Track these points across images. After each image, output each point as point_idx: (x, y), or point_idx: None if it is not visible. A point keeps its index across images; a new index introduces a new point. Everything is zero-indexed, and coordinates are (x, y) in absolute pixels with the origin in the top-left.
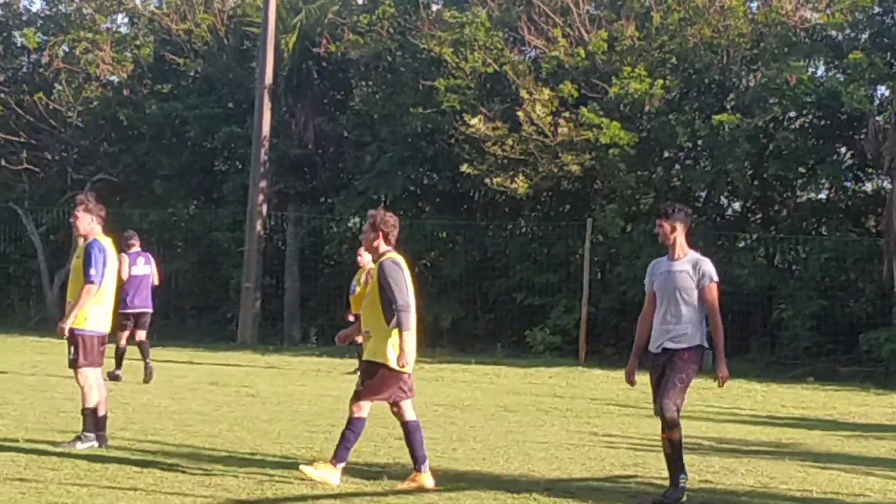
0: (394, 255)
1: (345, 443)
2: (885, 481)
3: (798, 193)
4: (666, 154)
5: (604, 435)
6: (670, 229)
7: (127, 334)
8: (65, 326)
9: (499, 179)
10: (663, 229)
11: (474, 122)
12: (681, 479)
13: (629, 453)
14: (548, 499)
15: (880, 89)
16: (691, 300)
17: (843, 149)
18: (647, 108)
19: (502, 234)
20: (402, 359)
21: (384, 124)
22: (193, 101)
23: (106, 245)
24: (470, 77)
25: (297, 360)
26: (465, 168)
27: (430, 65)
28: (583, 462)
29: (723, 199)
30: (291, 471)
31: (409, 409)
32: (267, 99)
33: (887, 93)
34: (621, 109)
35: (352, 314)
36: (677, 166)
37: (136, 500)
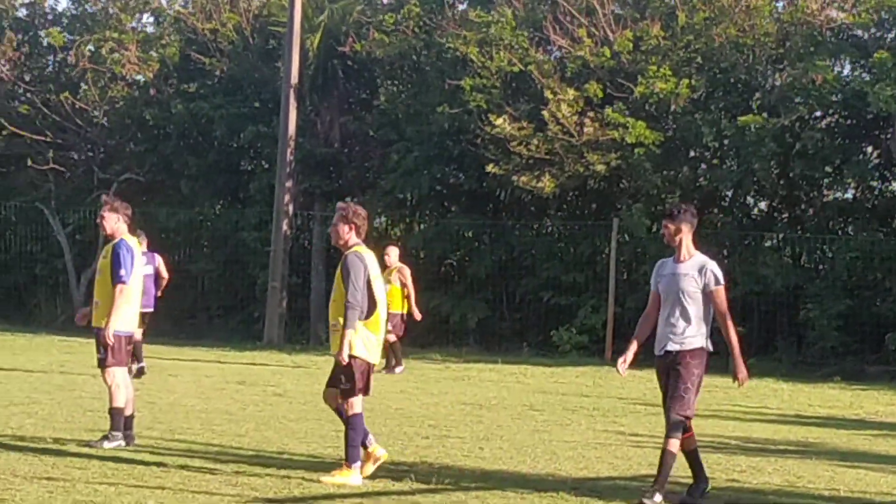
0: (361, 248)
1: (351, 442)
2: None
3: (824, 193)
4: (692, 154)
5: (630, 434)
6: (675, 230)
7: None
8: (108, 333)
9: (525, 179)
10: (668, 230)
11: (499, 122)
12: (657, 495)
13: (656, 452)
14: (575, 498)
15: None
16: (695, 303)
17: (869, 148)
18: (672, 107)
19: (528, 234)
20: (340, 354)
21: (410, 123)
22: (219, 100)
23: (133, 244)
24: (495, 76)
25: (324, 360)
26: (490, 168)
27: (456, 64)
28: (609, 461)
29: (749, 198)
30: (318, 470)
31: (357, 403)
32: (293, 98)
33: None
34: (647, 109)
35: None
36: (703, 166)
37: (163, 499)
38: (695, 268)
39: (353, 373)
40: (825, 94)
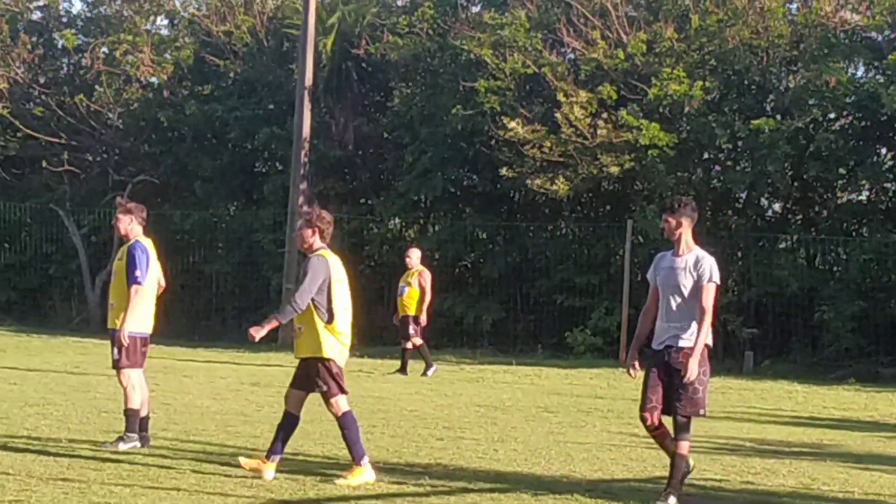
0: (325, 252)
1: (351, 442)
2: None
3: (838, 195)
4: (706, 155)
5: (644, 436)
6: (675, 224)
7: None
8: (122, 334)
9: (539, 181)
10: (669, 224)
11: (513, 125)
12: (671, 498)
13: None
14: (589, 500)
15: None
16: (692, 297)
17: (883, 150)
18: (686, 109)
19: (543, 236)
20: (253, 329)
21: (424, 125)
22: (234, 102)
23: (147, 246)
24: (509, 78)
25: None
26: (504, 171)
27: (470, 66)
28: (624, 463)
29: (763, 200)
30: (333, 471)
31: (301, 401)
32: (307, 100)
33: None
34: (661, 111)
35: (399, 316)
36: (717, 168)
37: (178, 501)
38: (692, 262)
39: (329, 375)
40: (839, 96)
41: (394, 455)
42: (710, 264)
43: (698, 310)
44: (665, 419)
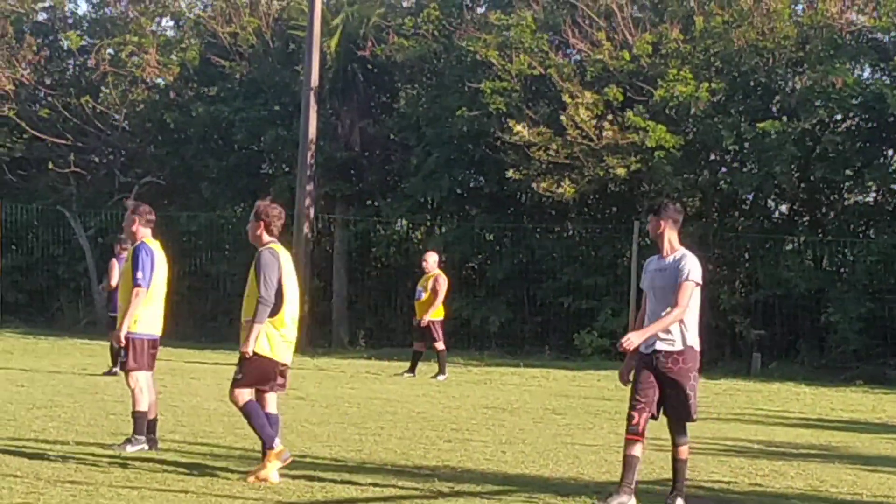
0: (275, 246)
1: (259, 429)
2: None
3: (845, 196)
4: (712, 157)
5: (653, 438)
6: (658, 226)
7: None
8: (120, 335)
9: (545, 184)
10: (651, 225)
11: (519, 128)
12: (678, 500)
13: None
14: (598, 502)
15: None
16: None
17: (889, 151)
18: (692, 110)
19: (549, 237)
20: (245, 346)
21: (430, 127)
22: (240, 103)
23: (154, 248)
24: (515, 79)
25: (346, 363)
26: (510, 174)
27: (476, 67)
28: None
29: (770, 201)
30: (341, 473)
31: (272, 402)
32: (313, 102)
33: None
34: (667, 112)
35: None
36: (723, 169)
37: (186, 502)
38: (675, 262)
39: (249, 368)
40: (845, 97)
41: (401, 457)
42: (690, 263)
43: (673, 303)
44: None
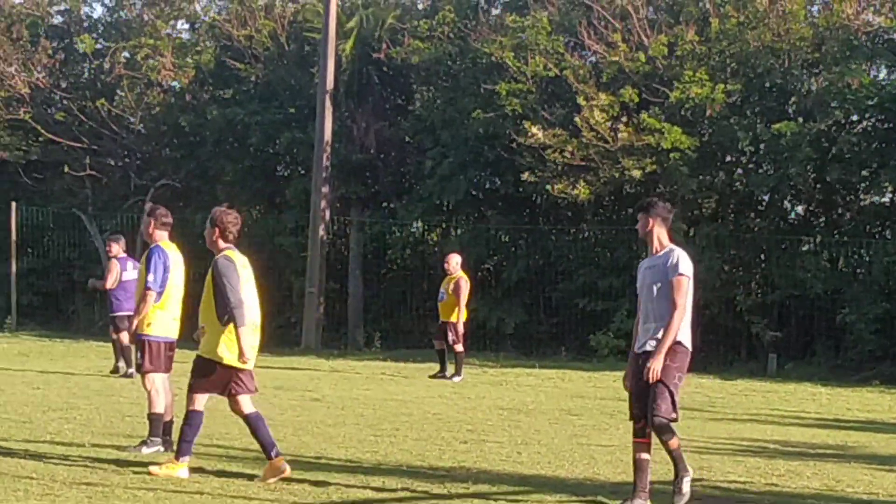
0: (231, 252)
1: (183, 437)
2: None
3: (861, 197)
4: (728, 158)
5: None
6: (647, 223)
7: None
8: (129, 335)
9: (560, 186)
10: (640, 223)
11: (534, 130)
12: (684, 480)
13: (694, 456)
14: (613, 502)
15: None
16: (667, 297)
17: None
18: (708, 112)
19: (565, 239)
20: (241, 356)
21: (445, 129)
22: (255, 106)
23: (170, 251)
24: (531, 81)
25: (362, 365)
26: (526, 176)
27: (491, 69)
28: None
29: (786, 203)
30: (357, 475)
31: (246, 403)
32: (328, 104)
33: None
34: (682, 114)
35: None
36: (739, 170)
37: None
38: (663, 260)
39: (209, 374)
40: (861, 98)
41: (417, 458)
42: (679, 258)
43: (671, 305)
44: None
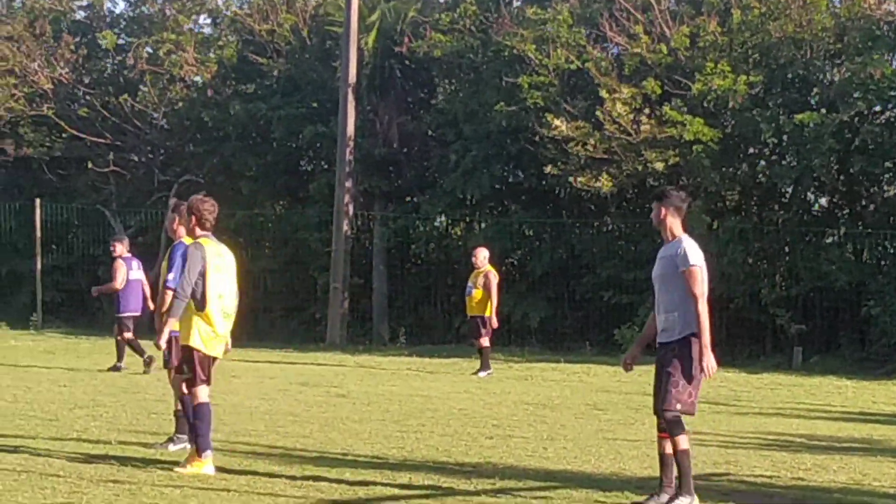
0: (206, 241)
1: (198, 432)
2: None
3: (885, 188)
4: (750, 150)
5: (694, 433)
6: (660, 212)
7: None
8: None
9: (583, 179)
10: (654, 212)
11: (557, 123)
12: (679, 499)
13: (720, 451)
14: (640, 497)
15: None
16: (676, 287)
17: None
18: (730, 104)
19: (589, 232)
20: (158, 339)
21: (468, 122)
22: (277, 101)
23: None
24: (553, 74)
25: (387, 360)
26: (549, 169)
27: (513, 62)
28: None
29: (809, 194)
30: (383, 471)
31: (202, 393)
32: (351, 98)
33: None
34: (705, 106)
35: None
36: (762, 162)
37: (228, 501)
38: (673, 250)
39: (193, 362)
40: (884, 88)
41: (443, 454)
42: (687, 248)
43: (689, 298)
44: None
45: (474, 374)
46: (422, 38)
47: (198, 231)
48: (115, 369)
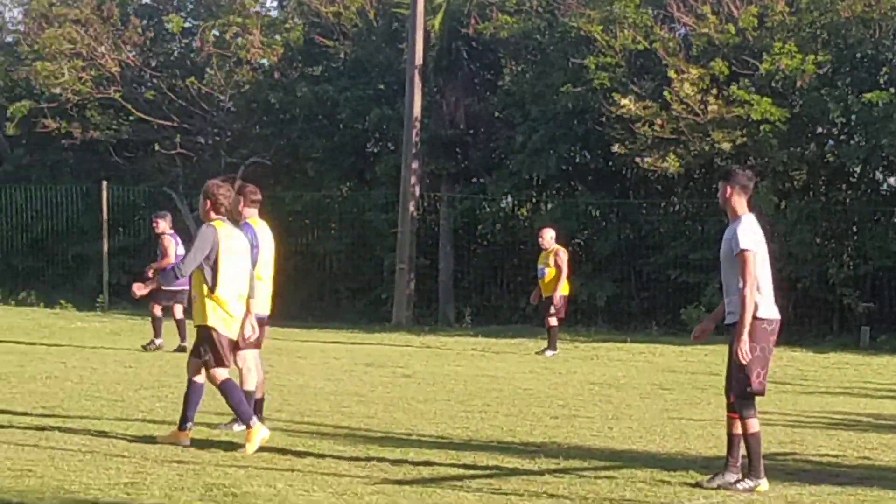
0: (219, 223)
1: (236, 405)
2: None
3: None
4: (819, 130)
5: (760, 412)
6: (725, 191)
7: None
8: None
9: (650, 160)
10: (720, 192)
11: (625, 102)
12: (746, 482)
13: (786, 430)
14: (704, 476)
15: None
16: (729, 268)
17: None
18: (798, 83)
19: (655, 212)
20: (136, 287)
21: (534, 104)
22: (344, 83)
23: (258, 229)
24: (620, 55)
25: (452, 341)
26: (616, 148)
27: (579, 43)
28: None
29: (878, 173)
30: (447, 451)
31: (199, 367)
32: (417, 80)
33: None
34: (772, 86)
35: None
36: (830, 142)
37: (292, 481)
38: (732, 230)
39: (213, 344)
40: None
41: (508, 434)
42: (741, 231)
43: (734, 279)
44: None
45: (539, 352)
46: (488, 19)
47: (212, 214)
48: (181, 349)
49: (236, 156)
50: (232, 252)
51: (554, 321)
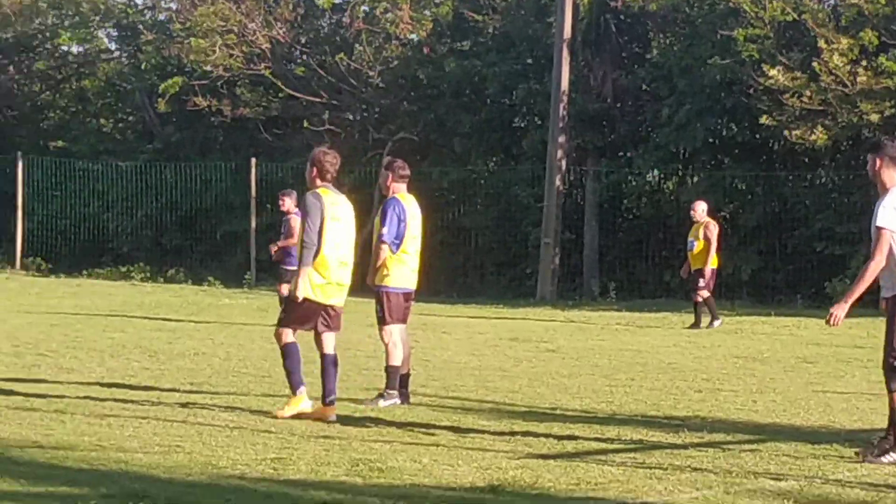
0: (324, 190)
1: (291, 373)
2: None
3: None
4: None
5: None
6: (874, 164)
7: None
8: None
9: (798, 132)
10: (869, 164)
11: (773, 73)
12: (891, 455)
13: None
14: (849, 450)
15: None
16: (871, 243)
17: None
18: None
19: (801, 184)
20: (295, 290)
21: (682, 77)
22: (492, 58)
23: (406, 204)
24: (768, 26)
25: (597, 315)
26: (763, 119)
27: (728, 15)
28: (884, 412)
29: None
30: (591, 425)
31: (328, 342)
32: (565, 53)
33: None
34: None
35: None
36: None
37: (437, 456)
38: (878, 206)
39: (290, 307)
40: None
41: (652, 408)
42: (882, 208)
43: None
44: None
45: (707, 326)
46: None
47: (318, 182)
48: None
49: (384, 131)
50: (336, 219)
51: (706, 293)
